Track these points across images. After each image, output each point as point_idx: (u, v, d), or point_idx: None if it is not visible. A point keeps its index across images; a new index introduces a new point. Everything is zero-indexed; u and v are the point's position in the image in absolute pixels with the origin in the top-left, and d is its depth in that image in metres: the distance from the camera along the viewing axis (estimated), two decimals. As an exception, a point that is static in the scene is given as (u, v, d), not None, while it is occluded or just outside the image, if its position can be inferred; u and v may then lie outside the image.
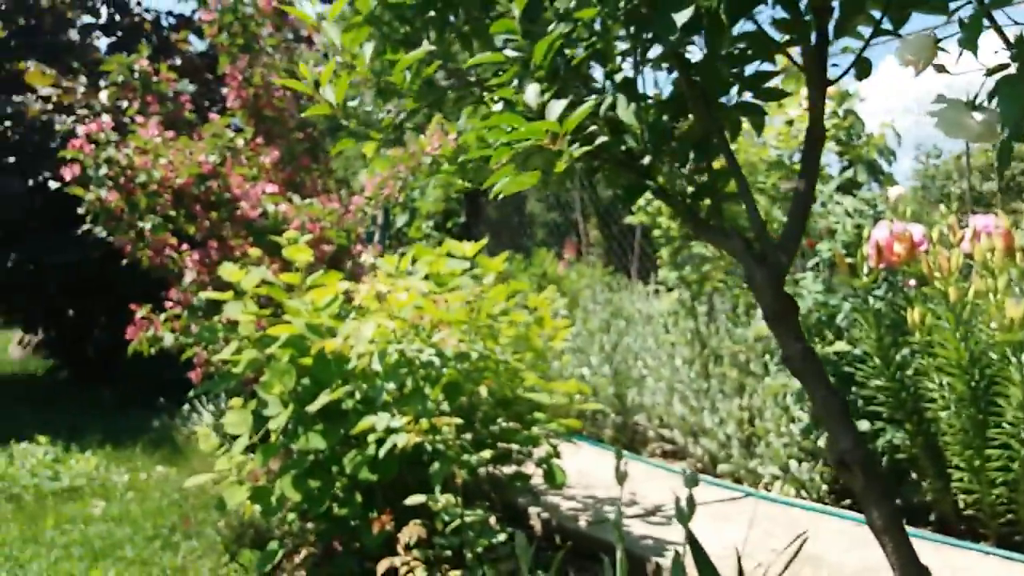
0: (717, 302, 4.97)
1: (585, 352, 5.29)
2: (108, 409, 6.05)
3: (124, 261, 4.24)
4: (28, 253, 5.85)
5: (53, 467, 4.36)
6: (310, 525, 3.45)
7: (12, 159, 6.02)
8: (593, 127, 1.47)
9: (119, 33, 6.87)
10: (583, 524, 3.26)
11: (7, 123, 5.94)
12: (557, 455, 2.83)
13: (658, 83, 2.26)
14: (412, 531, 2.02)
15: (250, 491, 2.67)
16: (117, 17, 6.93)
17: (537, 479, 3.05)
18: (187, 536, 3.47)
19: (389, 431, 2.28)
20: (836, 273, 4.23)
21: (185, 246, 4.03)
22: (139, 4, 7.01)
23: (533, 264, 7.51)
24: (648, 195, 1.60)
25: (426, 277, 2.95)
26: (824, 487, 3.65)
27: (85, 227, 5.85)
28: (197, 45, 6.97)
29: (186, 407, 5.47)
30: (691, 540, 1.80)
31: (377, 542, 2.70)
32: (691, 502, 1.77)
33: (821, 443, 3.70)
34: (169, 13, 7.12)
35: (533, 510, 3.41)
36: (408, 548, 2.06)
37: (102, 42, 7.07)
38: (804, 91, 2.28)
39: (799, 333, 1.32)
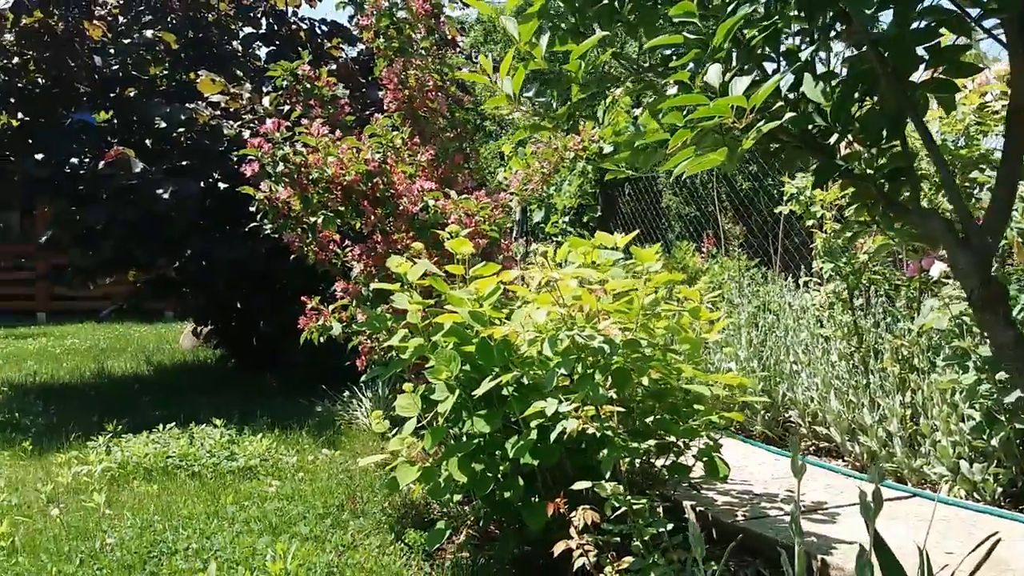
0: (874, 294, 4.76)
1: (732, 346, 5.18)
2: (273, 396, 6.46)
3: (291, 256, 4.52)
4: (200, 250, 6.33)
5: (229, 448, 4.70)
6: (467, 508, 3.58)
7: (186, 162, 6.52)
8: (778, 104, 1.46)
9: (277, 42, 7.33)
10: (740, 519, 3.21)
11: (181, 129, 6.45)
12: (718, 447, 2.80)
13: (829, 63, 2.19)
14: (587, 515, 2.07)
15: (420, 471, 2.80)
16: (276, 27, 7.38)
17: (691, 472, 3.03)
18: (354, 515, 3.67)
19: (558, 416, 2.33)
20: (1011, 261, 3.95)
21: (347, 242, 4.26)
22: (295, 14, 7.44)
23: (674, 257, 7.42)
24: (798, 183, 1.57)
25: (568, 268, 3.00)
26: (999, 489, 3.44)
27: (252, 225, 6.27)
28: (348, 51, 7.32)
29: (346, 394, 5.77)
30: (877, 538, 1.75)
31: (540, 525, 2.77)
32: (878, 498, 1.72)
33: (995, 443, 3.48)
34: (322, 21, 7.48)
35: (686, 503, 3.39)
36: (581, 532, 2.10)
37: (262, 51, 7.56)
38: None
39: (1010, 320, 1.26)
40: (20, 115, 6.65)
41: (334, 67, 6.25)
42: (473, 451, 2.82)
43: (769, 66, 1.72)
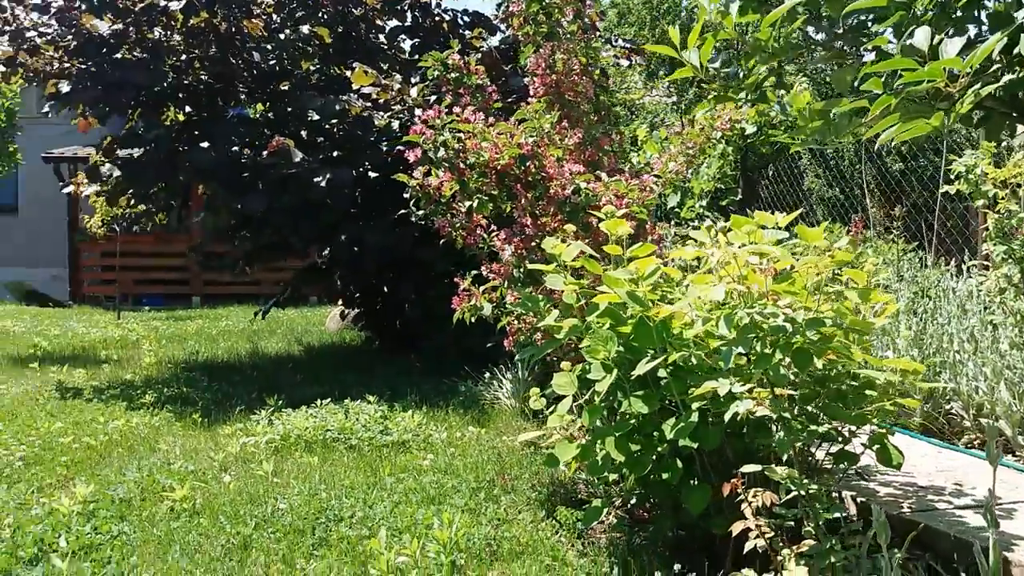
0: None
1: (889, 334, 4.94)
2: (417, 376, 6.68)
3: (441, 241, 4.66)
4: (353, 236, 6.62)
5: (382, 423, 4.91)
6: (614, 489, 3.59)
7: (336, 153, 6.82)
8: (994, 67, 1.38)
9: (421, 34, 7.53)
10: (907, 511, 3.07)
11: (333, 120, 6.75)
12: (891, 433, 2.69)
13: None
14: (764, 497, 2.04)
15: (579, 449, 2.83)
16: (420, 19, 7.59)
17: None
18: (505, 491, 3.76)
19: (731, 398, 2.30)
20: None
21: (493, 227, 4.35)
22: (438, 5, 7.62)
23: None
24: (966, 160, 1.47)
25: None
26: None
27: (401, 212, 6.50)
28: (489, 41, 7.42)
29: (487, 375, 5.90)
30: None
31: (700, 508, 2.75)
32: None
33: None
34: (464, 12, 7.63)
35: (846, 493, 3.27)
36: (756, 514, 2.07)
37: (406, 44, 7.80)
38: None
39: None
40: (187, 109, 7.14)
41: (478, 56, 6.36)
42: (630, 431, 2.83)
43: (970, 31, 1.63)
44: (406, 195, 4.52)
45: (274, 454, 4.44)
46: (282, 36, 7.02)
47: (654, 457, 2.80)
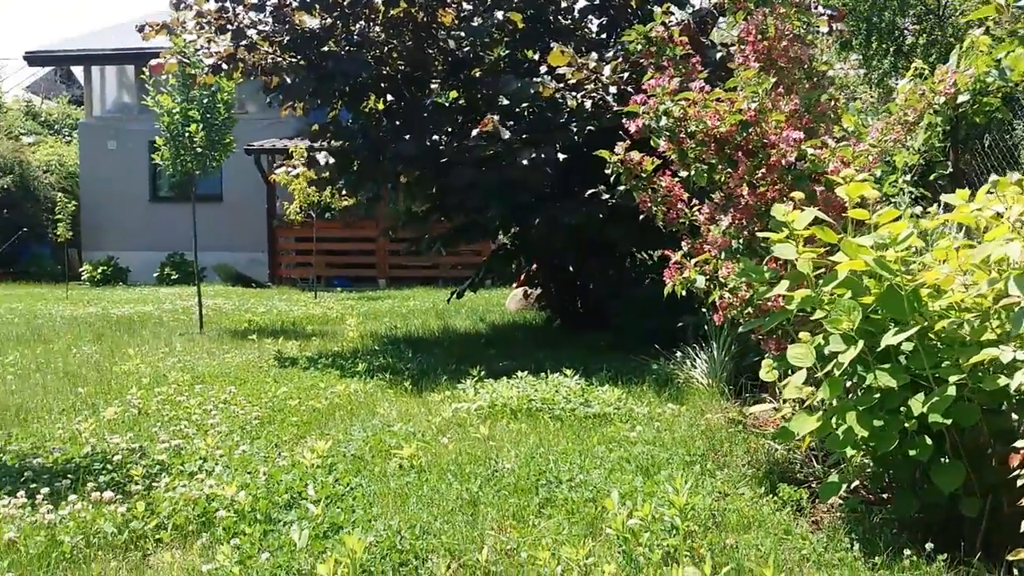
0: None
1: None
2: (605, 354, 6.72)
3: (640, 216, 4.65)
4: (547, 217, 6.73)
5: (582, 396, 4.99)
6: (833, 469, 3.46)
7: (525, 135, 6.95)
8: None
9: (611, 13, 7.53)
10: None
11: (524, 104, 6.89)
12: None
13: None
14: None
15: (819, 421, 2.75)
16: (607, -2, 7.59)
17: None
18: (718, 466, 3.72)
19: (1015, 366, 2.15)
20: None
21: (695, 201, 4.29)
22: (626, -19, 7.57)
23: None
24: None
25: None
26: None
27: (590, 191, 6.55)
28: (676, 15, 7.29)
29: (678, 354, 5.85)
30: None
31: (952, 487, 2.60)
32: None
33: None
34: (651, -15, 7.54)
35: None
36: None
37: (593, 25, 7.82)
38: None
39: None
40: (388, 98, 7.52)
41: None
42: (873, 406, 2.71)
43: None
44: (607, 171, 4.54)
45: (484, 420, 4.61)
46: (475, 23, 7.23)
47: (900, 433, 2.68)
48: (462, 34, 7.23)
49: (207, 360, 6.92)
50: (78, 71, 22.30)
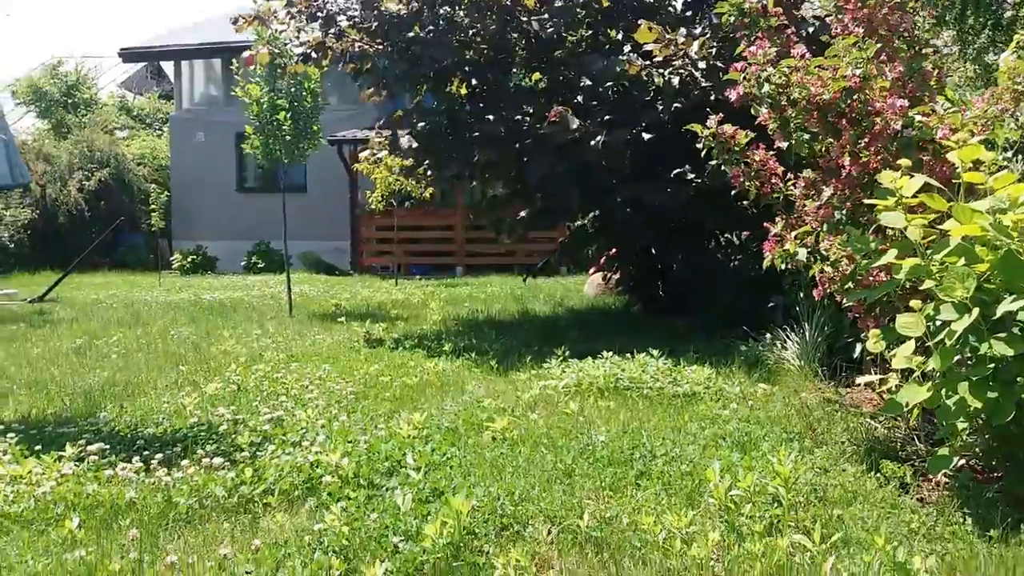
0: None
1: None
2: (690, 336, 6.64)
3: (732, 192, 4.58)
4: (628, 198, 6.69)
5: (670, 375, 4.95)
6: (933, 445, 3.34)
7: (608, 116, 6.91)
8: None
9: (694, -11, 7.42)
10: None
11: (607, 84, 6.85)
12: None
13: None
14: None
15: (930, 392, 2.67)
16: (693, -25, 7.46)
17: None
18: (816, 444, 3.65)
19: None
20: None
21: (789, 175, 4.19)
22: (711, -41, 7.42)
23: None
24: None
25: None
26: None
27: (676, 171, 6.48)
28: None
29: (767, 336, 5.74)
30: None
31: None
32: None
33: None
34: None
35: None
36: None
37: (677, 3, 7.70)
38: None
39: None
40: (472, 82, 7.58)
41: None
42: (987, 376, 2.62)
43: None
44: (698, 145, 4.48)
45: (572, 397, 4.63)
46: (558, 4, 7.21)
47: (1015, 405, 2.58)
48: (546, 15, 7.22)
49: (299, 341, 7.13)
50: (168, 67, 23.15)
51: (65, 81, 23.16)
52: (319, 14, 7.32)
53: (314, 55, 7.51)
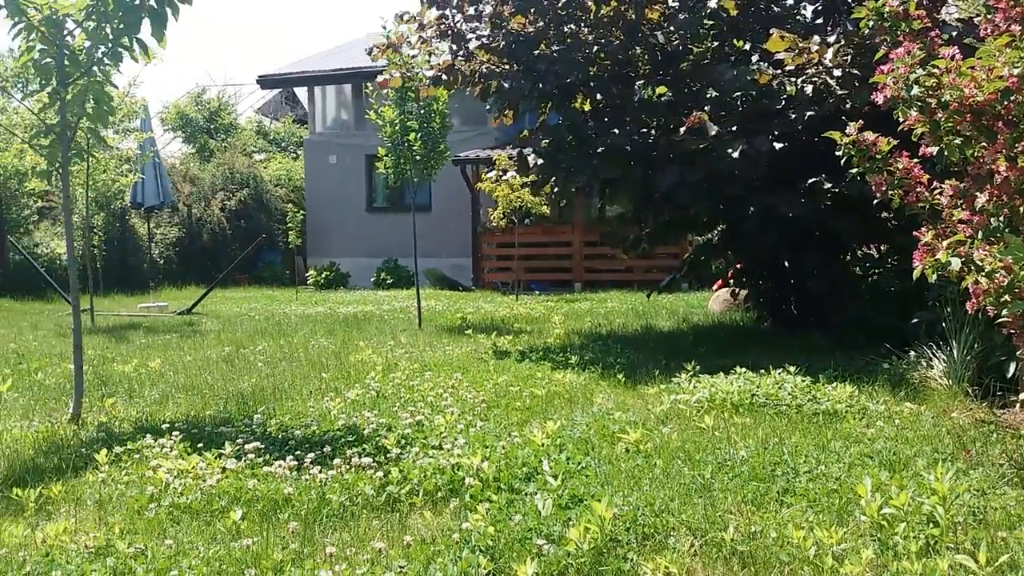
0: None
1: None
2: (825, 352, 6.41)
3: (875, 202, 4.42)
4: (760, 208, 6.55)
5: (808, 392, 4.80)
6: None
7: (735, 127, 6.80)
8: None
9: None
10: None
11: (736, 94, 6.75)
12: None
13: None
14: None
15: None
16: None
17: None
18: (971, 465, 3.46)
19: None
20: None
21: (935, 183, 4.01)
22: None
23: None
24: None
25: None
26: None
27: (812, 180, 6.30)
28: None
29: (911, 354, 5.49)
30: None
31: None
32: None
33: None
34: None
35: None
36: None
37: (807, 11, 7.53)
38: None
39: None
40: (596, 97, 7.65)
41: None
42: None
43: None
44: (837, 153, 4.36)
45: (704, 412, 4.57)
46: (680, 17, 7.19)
47: None
48: (671, 28, 7.21)
49: (430, 352, 7.36)
50: (301, 92, 24.42)
51: (208, 108, 24.83)
52: (449, 32, 7.58)
53: (444, 77, 7.78)
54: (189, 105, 24.79)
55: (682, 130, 6.20)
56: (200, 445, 4.01)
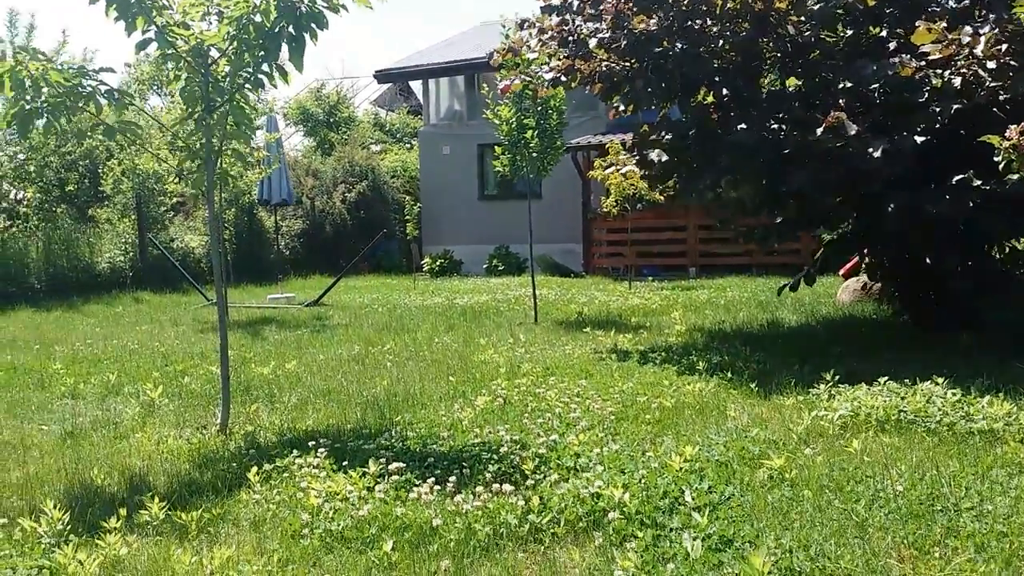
0: None
1: None
2: (969, 357, 6.03)
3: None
4: (901, 205, 6.19)
5: (961, 408, 4.53)
6: None
7: (868, 122, 6.43)
8: None
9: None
10: None
11: (873, 87, 6.38)
12: None
13: None
14: None
15: None
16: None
17: None
18: None
19: None
20: None
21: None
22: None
23: None
24: None
25: None
26: None
27: (958, 178, 5.92)
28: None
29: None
30: None
31: None
32: None
33: None
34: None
35: None
36: None
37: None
38: None
39: None
40: (722, 92, 7.40)
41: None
42: None
43: None
44: (996, 158, 4.08)
45: (849, 431, 4.39)
46: (814, 6, 6.85)
47: None
48: (801, 18, 6.88)
49: (550, 352, 7.38)
50: (415, 85, 24.87)
51: (327, 102, 25.61)
52: (570, 38, 7.50)
53: (563, 78, 7.71)
54: (309, 100, 25.65)
55: (819, 131, 5.91)
56: (344, 463, 4.14)
